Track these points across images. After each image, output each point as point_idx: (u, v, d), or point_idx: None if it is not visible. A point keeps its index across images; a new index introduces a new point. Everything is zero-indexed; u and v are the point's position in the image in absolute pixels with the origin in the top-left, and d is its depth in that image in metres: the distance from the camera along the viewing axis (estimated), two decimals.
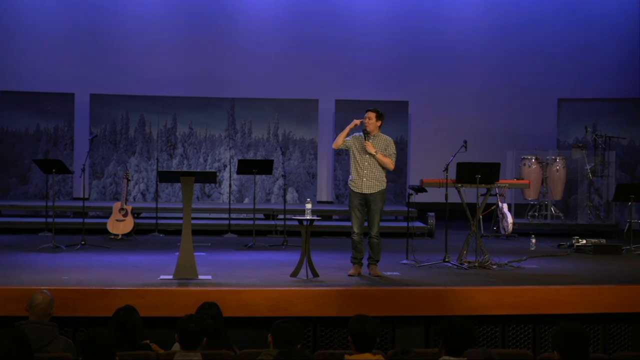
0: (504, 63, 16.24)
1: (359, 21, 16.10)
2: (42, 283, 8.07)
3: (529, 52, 16.24)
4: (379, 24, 16.14)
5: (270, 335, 5.71)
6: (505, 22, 16.30)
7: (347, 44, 16.04)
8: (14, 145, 15.06)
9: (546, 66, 16.23)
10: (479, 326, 8.11)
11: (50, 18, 15.62)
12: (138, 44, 15.68)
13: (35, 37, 15.53)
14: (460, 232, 11.15)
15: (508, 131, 15.94)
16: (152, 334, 6.93)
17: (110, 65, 15.58)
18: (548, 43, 16.24)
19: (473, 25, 16.26)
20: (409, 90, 15.90)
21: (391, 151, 9.38)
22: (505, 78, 16.23)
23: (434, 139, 15.77)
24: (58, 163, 11.82)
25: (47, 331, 5.97)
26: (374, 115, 9.45)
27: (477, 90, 16.20)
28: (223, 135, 15.49)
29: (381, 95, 15.64)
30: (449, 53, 16.17)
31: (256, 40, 15.93)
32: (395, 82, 16.00)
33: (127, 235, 12.48)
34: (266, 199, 15.32)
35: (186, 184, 8.94)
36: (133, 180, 15.00)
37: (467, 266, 9.87)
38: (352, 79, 15.93)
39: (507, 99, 16.21)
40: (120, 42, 15.67)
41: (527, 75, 16.24)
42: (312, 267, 9.03)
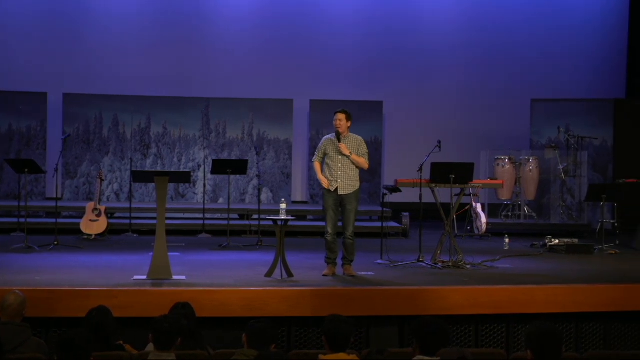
0: (478, 63, 16.31)
1: (334, 21, 16.12)
2: (14, 283, 8.00)
3: (503, 53, 16.33)
4: (354, 24, 16.15)
5: (244, 335, 5.70)
6: (479, 22, 16.37)
7: (322, 44, 16.05)
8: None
9: (520, 67, 16.32)
10: (453, 326, 8.14)
11: (23, 17, 15.49)
12: (112, 44, 15.59)
13: (7, 36, 15.40)
14: (435, 232, 11.19)
15: (482, 131, 16.00)
16: (125, 335, 6.90)
17: (84, 65, 15.48)
18: (522, 44, 16.34)
19: (447, 26, 16.32)
20: (384, 90, 15.93)
21: (363, 150, 9.42)
22: (480, 78, 16.30)
23: (409, 139, 15.80)
24: (31, 163, 11.74)
25: (19, 332, 5.93)
26: (343, 116, 9.47)
27: (452, 91, 16.26)
28: (197, 135, 15.44)
29: (356, 95, 15.66)
30: (424, 53, 16.22)
31: (231, 40, 15.90)
32: (369, 82, 16.03)
33: (101, 235, 12.42)
34: (241, 199, 15.29)
35: (160, 184, 8.90)
36: (106, 180, 14.92)
37: (441, 266, 9.90)
38: (326, 79, 15.94)
39: (481, 99, 16.28)
40: (93, 41, 15.58)
41: (501, 75, 16.33)
42: (287, 267, 9.02)
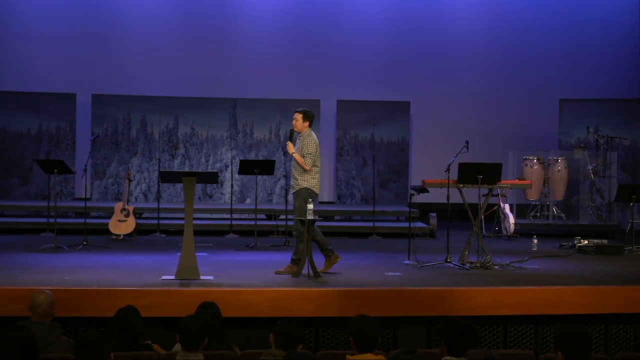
0: (506, 63, 16.22)
1: (361, 21, 16.10)
2: (43, 283, 8.06)
3: (531, 52, 16.22)
4: (381, 24, 16.12)
5: (272, 335, 5.71)
6: (507, 22, 16.28)
7: (349, 44, 16.03)
8: (16, 146, 15.07)
9: (548, 66, 16.22)
10: (481, 326, 8.10)
11: (52, 18, 15.62)
12: (140, 45, 15.68)
13: (36, 37, 15.53)
14: (462, 233, 11.14)
15: (510, 131, 15.92)
16: (153, 335, 6.93)
17: (112, 66, 15.58)
18: (550, 43, 16.23)
19: (475, 25, 16.25)
20: (411, 91, 15.89)
21: (305, 151, 9.48)
22: (508, 78, 16.22)
23: (436, 139, 15.75)
24: (60, 163, 11.82)
25: (49, 331, 5.97)
26: (300, 115, 9.66)
27: (479, 91, 16.19)
28: (225, 136, 15.49)
29: (383, 95, 15.64)
30: (451, 53, 16.16)
31: (258, 40, 15.93)
32: (397, 82, 15.99)
33: (129, 235, 12.49)
34: (268, 200, 15.31)
35: (188, 185, 8.94)
36: (135, 181, 14.99)
37: (469, 266, 9.86)
38: (353, 79, 15.92)
39: (509, 99, 16.19)
40: (122, 43, 15.67)
41: (529, 75, 16.23)
42: (314, 267, 9.03)
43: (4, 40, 15.49)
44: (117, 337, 6.04)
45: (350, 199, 15.57)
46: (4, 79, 15.23)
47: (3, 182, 14.97)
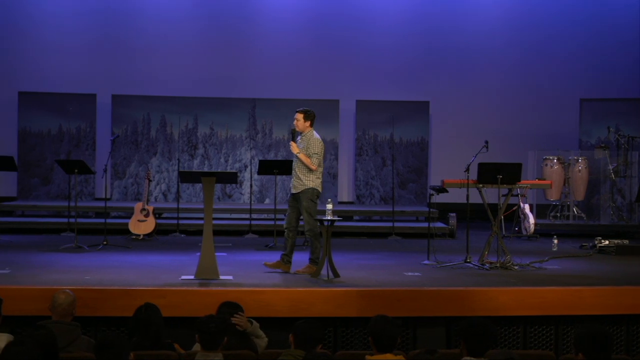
0: (527, 62, 16.16)
1: (380, 21, 16.08)
2: (64, 283, 8.11)
3: (552, 52, 16.15)
4: (400, 24, 16.10)
5: (291, 335, 5.71)
6: (527, 21, 16.21)
7: (368, 44, 16.02)
8: (36, 146, 15.15)
9: (568, 66, 16.14)
10: (501, 327, 8.08)
11: (73, 20, 15.71)
12: (159, 45, 15.74)
13: (57, 39, 15.62)
14: (482, 233, 11.12)
15: (530, 131, 15.86)
16: (173, 334, 6.95)
17: (132, 66, 15.65)
18: (571, 42, 16.15)
19: (495, 25, 16.19)
20: (430, 91, 15.85)
21: (312, 151, 9.45)
22: (527, 78, 16.15)
23: (455, 139, 15.71)
24: (80, 163, 11.87)
25: (69, 331, 6.00)
26: (301, 115, 9.67)
27: (499, 90, 16.13)
28: (244, 136, 15.51)
29: (402, 95, 15.62)
30: (471, 53, 16.11)
31: (277, 40, 15.95)
32: (416, 82, 15.97)
33: (149, 235, 12.53)
34: (287, 200, 15.28)
35: (207, 185, 8.96)
36: (154, 181, 15.05)
37: (488, 267, 9.83)
38: (372, 79, 15.91)
39: (529, 98, 16.13)
40: (141, 44, 15.73)
41: (549, 75, 16.15)
42: (333, 267, 9.02)
43: (25, 42, 15.58)
44: (139, 334, 6.06)
45: (370, 199, 15.55)
46: (25, 80, 15.33)
47: (24, 182, 15.06)
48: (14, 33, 15.57)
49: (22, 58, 15.54)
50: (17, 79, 15.35)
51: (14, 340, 5.05)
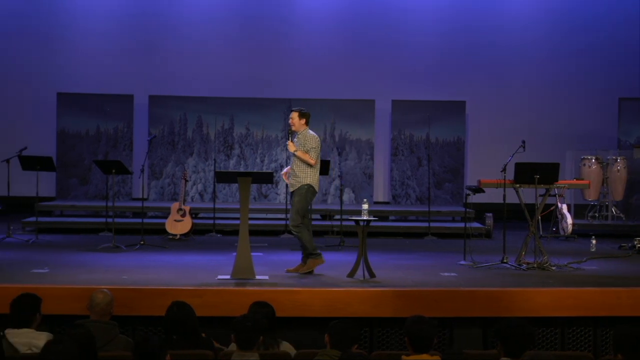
0: (564, 61, 16.01)
1: (415, 20, 16.02)
2: (102, 282, 8.18)
3: (590, 50, 15.99)
4: (436, 23, 16.03)
5: (327, 335, 5.71)
6: (564, 19, 16.07)
7: (404, 44, 15.97)
8: (75, 147, 15.30)
9: (607, 65, 15.97)
10: (538, 328, 8.01)
11: (110, 21, 15.84)
12: (196, 46, 15.82)
13: (94, 40, 15.75)
14: (519, 233, 11.04)
15: (567, 131, 15.72)
16: (209, 334, 6.97)
17: (169, 67, 15.74)
18: (609, 41, 15.98)
19: (532, 23, 16.07)
20: (466, 90, 15.77)
21: (309, 146, 9.44)
22: (566, 77, 16.01)
23: (492, 138, 15.63)
24: (118, 164, 11.97)
25: (107, 330, 6.04)
26: (296, 114, 9.64)
27: (536, 89, 16.00)
28: (279, 136, 15.54)
29: (438, 95, 15.55)
30: (508, 51, 16.00)
31: (313, 40, 15.97)
32: (452, 81, 15.89)
33: (185, 235, 12.59)
34: (322, 200, 15.33)
35: (243, 185, 9.00)
36: (191, 181, 15.12)
37: (525, 267, 9.77)
38: (408, 79, 15.86)
39: (567, 98, 15.99)
40: (178, 45, 15.82)
41: (587, 74, 16.00)
42: (369, 267, 9.01)
43: (63, 43, 15.75)
44: (176, 333, 6.08)
45: (405, 199, 15.51)
46: (63, 81, 15.49)
47: (62, 183, 15.21)
48: (53, 35, 15.74)
49: (60, 60, 15.70)
50: (56, 80, 15.50)
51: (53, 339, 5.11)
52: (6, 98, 15.63)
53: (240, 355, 5.65)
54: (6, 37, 15.71)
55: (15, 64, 15.67)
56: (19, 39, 15.70)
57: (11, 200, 12.89)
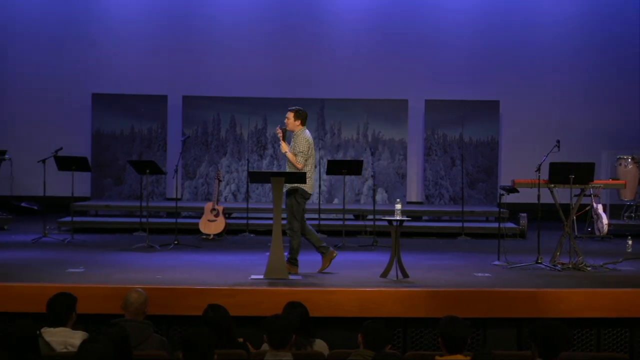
0: (598, 60, 15.86)
1: (449, 20, 15.96)
2: (136, 282, 8.23)
3: (626, 49, 15.82)
4: (469, 22, 15.96)
5: (360, 335, 5.70)
6: (599, 18, 15.92)
7: (437, 43, 15.91)
8: (109, 147, 15.42)
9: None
10: (573, 329, 7.95)
11: (144, 22, 15.94)
12: (229, 47, 15.87)
13: (129, 41, 15.87)
14: (553, 234, 10.95)
15: (603, 130, 15.58)
16: (242, 334, 6.99)
17: (202, 68, 15.82)
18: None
19: (566, 22, 15.94)
20: (500, 90, 15.68)
21: (297, 149, 9.43)
22: (600, 76, 15.86)
23: (526, 138, 15.52)
24: (152, 164, 12.03)
25: (141, 329, 6.07)
26: (292, 114, 9.75)
27: (570, 89, 15.87)
28: (312, 136, 15.51)
29: (471, 94, 15.47)
30: (541, 51, 15.88)
31: (346, 40, 15.96)
32: (485, 81, 15.81)
33: (219, 235, 12.64)
34: (355, 200, 15.32)
35: (276, 185, 9.02)
36: (224, 181, 15.18)
37: (560, 268, 9.70)
38: (441, 79, 15.80)
39: (602, 97, 15.84)
40: (211, 45, 15.89)
41: (622, 71, 15.83)
42: (402, 267, 8.99)
43: (98, 45, 15.87)
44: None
45: (439, 199, 15.46)
46: (98, 82, 15.61)
47: (97, 183, 15.33)
48: (89, 37, 15.87)
49: (95, 61, 15.82)
50: (91, 81, 15.63)
51: (88, 338, 5.14)
52: (42, 99, 15.79)
53: (273, 355, 5.66)
54: (43, 40, 15.86)
55: (51, 65, 15.81)
56: (55, 41, 15.85)
57: (47, 201, 13.02)
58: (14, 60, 15.86)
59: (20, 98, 15.81)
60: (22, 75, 15.84)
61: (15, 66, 15.85)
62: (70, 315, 6.08)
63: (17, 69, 15.84)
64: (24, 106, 15.80)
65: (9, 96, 15.82)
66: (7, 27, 15.86)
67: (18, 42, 15.86)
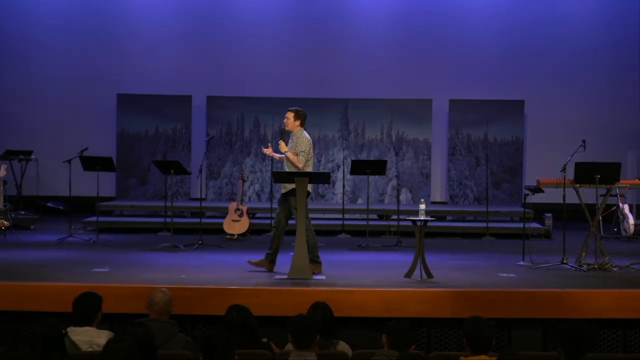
0: (623, 59, 15.75)
1: (472, 19, 15.91)
2: (161, 281, 8.26)
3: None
4: (493, 21, 15.90)
5: (384, 335, 5.69)
6: (623, 17, 15.81)
7: (461, 43, 15.86)
8: (134, 147, 15.49)
9: None
10: (599, 330, 7.89)
11: (168, 23, 16.01)
12: (252, 47, 15.90)
13: (153, 41, 15.94)
14: (579, 234, 10.89)
15: (629, 130, 15.48)
16: (266, 334, 7.00)
17: (226, 68, 15.87)
18: None
19: (591, 21, 15.85)
20: (525, 89, 15.60)
21: (299, 149, 9.41)
22: (625, 75, 15.75)
23: (551, 138, 15.44)
24: (176, 164, 12.07)
25: (166, 329, 6.08)
26: (291, 115, 9.73)
27: (596, 88, 15.77)
28: (336, 136, 15.54)
29: (496, 94, 15.41)
30: (565, 49, 15.80)
31: (369, 40, 15.94)
32: (510, 80, 15.74)
33: (243, 235, 12.66)
34: (379, 200, 15.30)
35: (300, 185, 9.01)
36: (248, 181, 15.21)
37: (586, 268, 9.63)
38: (466, 78, 15.75)
39: (628, 97, 15.74)
40: (235, 45, 15.93)
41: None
42: (427, 268, 8.97)
43: (123, 46, 15.96)
44: (235, 336, 6.10)
45: (463, 199, 15.40)
46: (123, 83, 15.70)
47: (122, 183, 15.41)
48: (114, 38, 15.96)
49: (120, 62, 15.92)
50: (116, 82, 15.72)
51: (114, 337, 5.16)
52: (68, 100, 15.90)
53: (298, 355, 5.66)
54: (68, 40, 15.97)
55: (77, 65, 15.92)
56: (80, 42, 15.95)
57: (73, 201, 13.10)
58: (40, 61, 15.98)
59: (46, 99, 15.93)
60: (48, 76, 15.95)
61: (41, 67, 15.96)
62: (95, 315, 6.11)
63: (43, 69, 15.96)
64: (50, 107, 15.92)
65: (35, 97, 15.93)
66: (34, 30, 15.98)
67: (44, 44, 15.99)
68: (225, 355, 5.09)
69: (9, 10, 16.04)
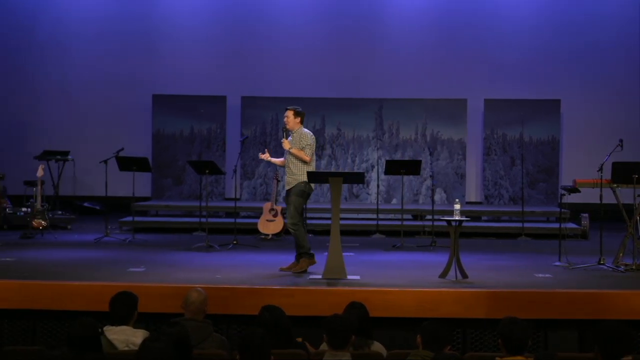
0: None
1: (509, 18, 15.82)
2: (196, 281, 8.30)
3: None
4: (529, 20, 15.80)
5: (419, 336, 5.67)
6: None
7: (497, 42, 15.78)
8: (169, 147, 15.58)
9: None
10: (638, 331, 7.80)
11: (203, 24, 16.09)
12: (287, 48, 15.93)
13: (189, 42, 16.04)
14: (616, 234, 10.77)
15: None
16: (300, 333, 7.01)
17: (260, 68, 15.91)
18: None
19: (624, 19, 15.69)
20: (561, 89, 15.48)
21: (304, 143, 9.48)
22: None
23: (588, 137, 15.31)
24: (211, 164, 12.13)
25: (201, 329, 6.11)
26: (291, 113, 9.84)
27: (633, 87, 15.62)
28: (371, 136, 15.52)
29: (532, 93, 15.31)
30: (601, 48, 15.65)
31: (404, 40, 15.90)
32: (546, 79, 15.63)
33: (277, 235, 12.69)
34: (414, 200, 15.25)
35: (334, 185, 9.03)
36: (282, 181, 15.21)
37: (623, 269, 9.54)
38: (501, 78, 15.66)
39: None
40: (269, 46, 15.97)
41: None
42: (461, 268, 8.93)
43: (158, 46, 16.08)
44: (270, 335, 6.11)
45: (498, 199, 15.32)
46: (159, 83, 15.80)
47: (157, 183, 15.51)
48: (150, 39, 16.08)
49: (156, 62, 16.03)
50: (152, 83, 15.83)
51: (150, 337, 5.19)
52: (104, 101, 16.04)
53: (332, 355, 5.66)
54: (105, 41, 16.10)
55: (113, 67, 16.04)
56: (117, 43, 16.08)
57: (109, 201, 13.20)
58: (77, 62, 16.14)
59: (83, 100, 16.08)
60: (85, 78, 16.11)
61: (78, 68, 16.12)
62: (132, 314, 6.16)
63: (80, 70, 16.12)
64: (87, 108, 16.06)
65: (72, 98, 16.09)
66: (71, 32, 16.14)
67: (81, 46, 16.13)
68: (261, 354, 5.11)
69: (49, 15, 16.20)
